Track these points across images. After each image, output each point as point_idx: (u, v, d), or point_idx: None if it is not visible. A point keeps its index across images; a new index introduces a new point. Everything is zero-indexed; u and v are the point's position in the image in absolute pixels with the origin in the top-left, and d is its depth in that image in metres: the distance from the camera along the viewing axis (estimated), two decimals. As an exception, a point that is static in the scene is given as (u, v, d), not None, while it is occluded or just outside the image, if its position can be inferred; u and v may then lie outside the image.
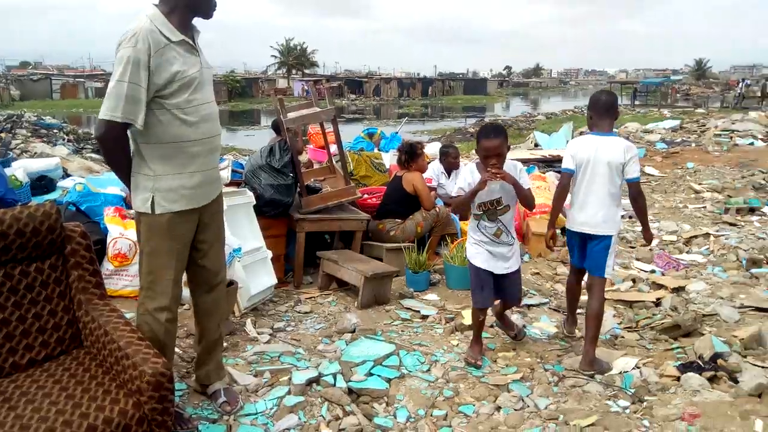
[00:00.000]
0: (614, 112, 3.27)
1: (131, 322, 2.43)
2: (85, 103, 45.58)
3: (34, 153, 11.20)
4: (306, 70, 73.22)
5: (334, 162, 6.00)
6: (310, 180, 5.48)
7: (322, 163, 6.77)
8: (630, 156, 3.12)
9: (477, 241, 3.31)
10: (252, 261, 4.09)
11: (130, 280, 4.08)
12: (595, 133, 3.24)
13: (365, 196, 5.52)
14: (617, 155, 3.12)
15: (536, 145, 13.28)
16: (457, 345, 3.61)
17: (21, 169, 5.69)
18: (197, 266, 2.65)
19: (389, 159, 7.91)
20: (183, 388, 2.95)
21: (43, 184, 6.06)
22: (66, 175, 7.02)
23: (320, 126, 6.55)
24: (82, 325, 2.45)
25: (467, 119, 35.29)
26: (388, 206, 5.22)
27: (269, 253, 4.31)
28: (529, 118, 30.47)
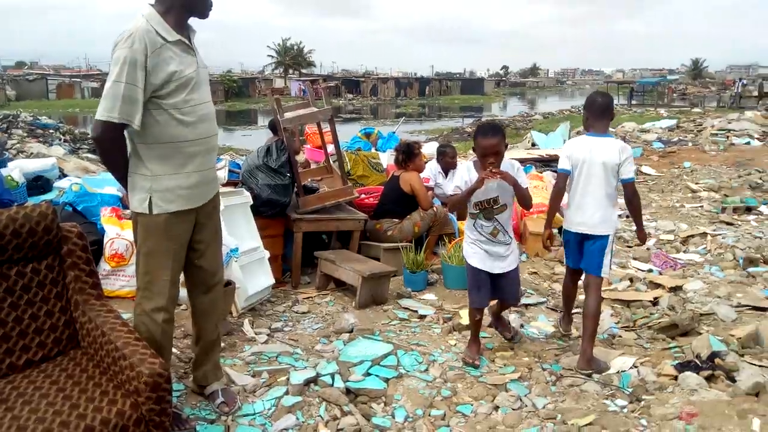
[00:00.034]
0: (610, 114, 3.30)
1: (128, 322, 2.42)
2: (81, 103, 45.46)
3: (30, 153, 11.18)
4: (303, 70, 73.16)
5: (332, 162, 6.00)
6: (308, 180, 5.47)
7: (320, 163, 6.76)
8: (625, 157, 3.15)
9: (473, 241, 3.29)
10: (249, 261, 4.09)
11: (127, 280, 4.07)
12: (591, 134, 3.27)
13: (362, 196, 5.52)
14: (612, 156, 3.15)
15: (533, 145, 13.29)
16: (455, 345, 3.61)
17: (17, 170, 5.66)
18: (194, 267, 2.65)
19: (386, 159, 7.90)
20: (181, 388, 2.94)
21: (40, 184, 6.03)
22: (62, 176, 7.00)
23: (317, 126, 6.55)
24: (79, 325, 2.45)
25: (464, 119, 35.35)
26: (386, 206, 5.22)
27: (266, 253, 4.31)
28: (526, 118, 30.51)
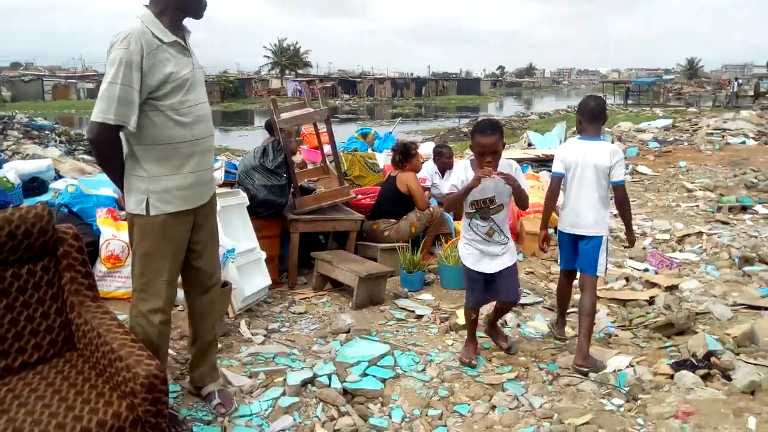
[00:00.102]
0: (602, 118, 3.37)
1: (124, 324, 2.42)
2: (77, 104, 45.36)
3: (26, 154, 11.15)
4: (299, 71, 73.10)
5: (328, 162, 6.00)
6: (304, 180, 5.47)
7: (316, 164, 6.76)
8: (616, 160, 3.21)
9: (469, 241, 3.26)
10: (246, 262, 4.08)
11: (123, 281, 4.06)
12: (583, 138, 3.35)
13: (359, 197, 5.52)
14: (604, 159, 3.22)
15: (529, 145, 13.33)
16: (452, 344, 3.61)
17: (12, 171, 5.64)
18: (192, 268, 2.64)
19: (383, 159, 7.90)
20: (177, 389, 2.94)
21: (35, 185, 6.01)
22: (58, 177, 6.97)
23: (314, 126, 6.54)
24: (75, 327, 2.44)
25: (461, 119, 35.39)
26: (382, 206, 5.22)
27: (263, 254, 4.30)
28: (523, 118, 30.56)
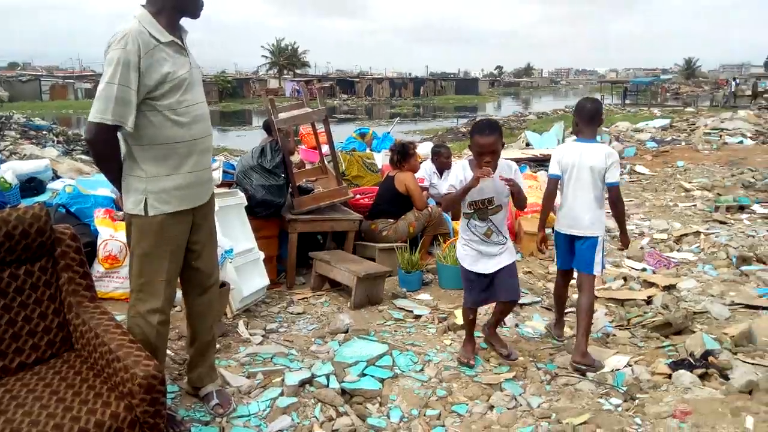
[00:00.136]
0: (598, 119, 3.42)
1: (122, 324, 2.41)
2: (74, 104, 45.28)
3: (24, 155, 11.11)
4: (297, 71, 73.11)
5: (326, 162, 6.00)
6: (302, 180, 5.46)
7: (314, 164, 6.76)
8: (611, 162, 3.26)
9: (466, 241, 3.25)
10: (244, 262, 4.08)
11: (121, 282, 4.06)
12: (579, 140, 3.40)
13: (357, 197, 5.52)
14: (599, 161, 3.26)
15: (527, 145, 13.34)
16: (450, 344, 3.61)
17: (10, 171, 5.63)
18: (191, 268, 2.64)
19: (381, 159, 7.91)
20: (175, 390, 2.93)
21: (33, 186, 6.01)
22: (56, 177, 6.97)
23: (312, 126, 6.54)
24: (73, 328, 2.44)
25: (459, 119, 35.37)
26: (381, 206, 5.22)
27: (261, 254, 4.30)
28: (521, 118, 30.56)
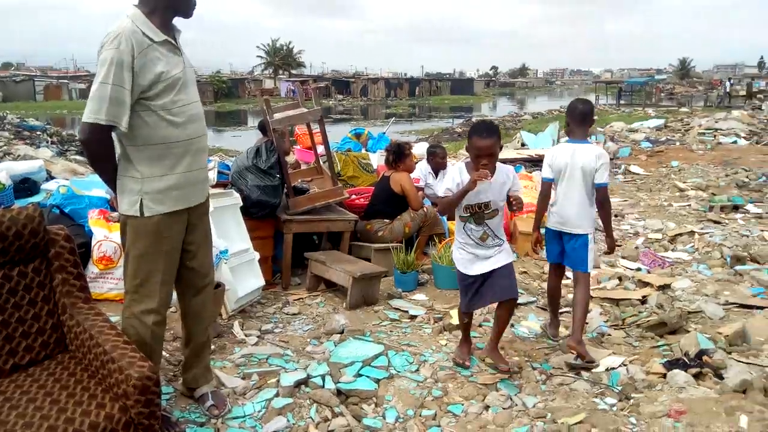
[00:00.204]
0: (590, 120, 3.50)
1: (117, 325, 2.40)
2: (69, 104, 45.11)
3: (17, 155, 11.06)
4: (293, 71, 73.04)
5: (322, 163, 5.99)
6: (298, 181, 5.46)
7: (310, 164, 6.74)
8: (601, 162, 3.33)
9: (462, 244, 3.21)
10: (239, 263, 4.07)
11: (116, 283, 4.04)
12: (571, 141, 3.49)
13: (353, 197, 5.51)
14: (590, 161, 3.34)
15: (523, 145, 13.35)
16: (446, 345, 3.61)
17: (4, 172, 5.60)
18: (185, 268, 2.63)
19: (377, 159, 7.91)
20: (170, 391, 2.93)
21: (27, 186, 5.97)
22: (50, 178, 6.93)
23: (307, 126, 6.54)
24: (67, 329, 2.43)
25: (454, 119, 35.41)
26: (376, 207, 5.22)
27: (256, 255, 4.29)
28: (516, 118, 30.63)
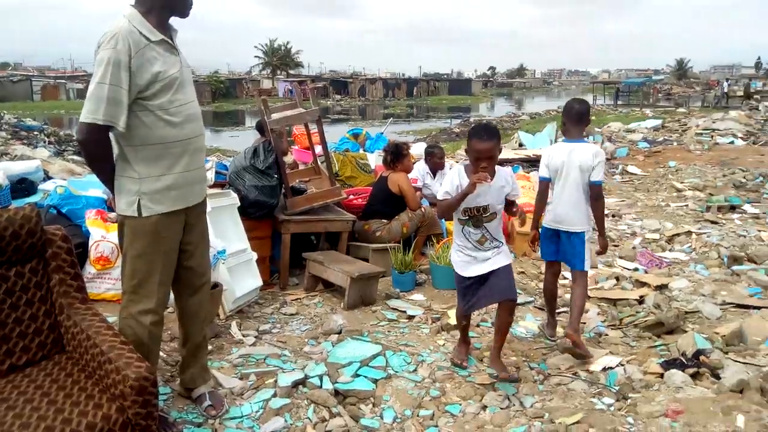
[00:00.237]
0: (586, 120, 3.55)
1: (114, 326, 2.40)
2: (66, 104, 45.07)
3: (15, 155, 11.03)
4: (290, 71, 72.99)
5: (319, 163, 5.99)
6: (295, 181, 5.45)
7: (307, 164, 6.74)
8: (598, 161, 3.39)
9: (460, 247, 3.20)
10: (237, 263, 4.07)
11: (113, 283, 4.03)
12: (567, 140, 3.53)
13: (351, 197, 5.51)
14: (587, 159, 3.39)
15: (521, 145, 13.37)
16: (444, 345, 3.61)
17: (1, 172, 5.58)
18: (183, 268, 2.63)
19: (374, 159, 7.89)
20: (167, 392, 2.92)
21: (24, 186, 5.96)
22: (47, 178, 6.91)
23: (305, 127, 6.53)
24: (64, 329, 2.42)
25: (452, 119, 35.44)
26: (374, 207, 5.22)
27: (254, 255, 4.29)
28: (514, 118, 30.69)
